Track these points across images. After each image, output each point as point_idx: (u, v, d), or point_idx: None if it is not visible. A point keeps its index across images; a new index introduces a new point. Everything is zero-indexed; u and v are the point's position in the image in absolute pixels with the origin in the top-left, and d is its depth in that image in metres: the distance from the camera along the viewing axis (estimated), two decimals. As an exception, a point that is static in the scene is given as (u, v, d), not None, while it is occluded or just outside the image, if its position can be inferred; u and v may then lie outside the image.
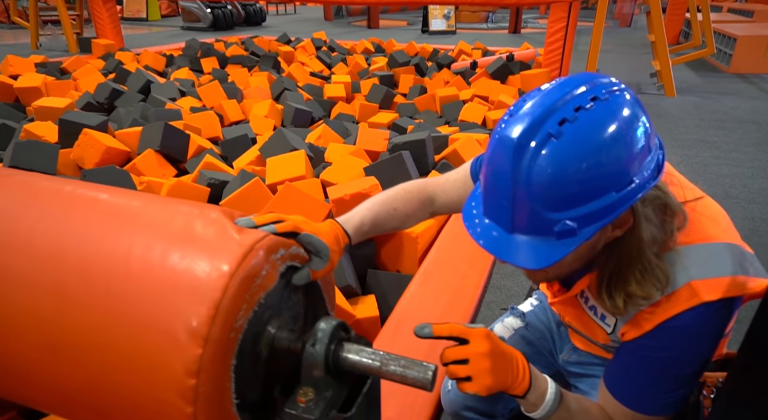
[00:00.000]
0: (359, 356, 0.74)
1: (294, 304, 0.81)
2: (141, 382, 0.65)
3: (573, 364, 1.11)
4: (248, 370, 0.72)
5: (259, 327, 0.73)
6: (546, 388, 0.81)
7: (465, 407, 1.16)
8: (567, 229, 0.69)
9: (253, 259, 0.66)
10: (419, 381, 0.71)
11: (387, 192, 1.02)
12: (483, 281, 1.84)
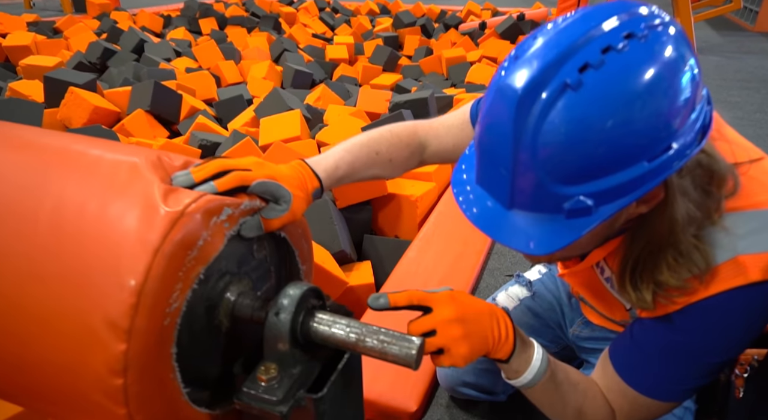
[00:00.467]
0: (332, 328, 0.63)
1: (259, 264, 0.69)
2: (65, 381, 0.55)
3: (585, 338, 1.00)
4: (201, 351, 0.63)
5: (211, 300, 0.62)
6: (532, 353, 0.69)
7: (462, 383, 1.06)
8: (580, 206, 0.54)
9: (185, 228, 0.53)
10: (402, 358, 0.60)
11: (369, 133, 0.86)
12: (486, 247, 1.72)
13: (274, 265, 0.72)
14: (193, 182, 0.58)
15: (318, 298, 0.68)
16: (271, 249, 0.71)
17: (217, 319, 0.65)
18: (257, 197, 0.64)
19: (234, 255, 0.64)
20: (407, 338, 0.61)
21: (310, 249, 0.76)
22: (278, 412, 0.58)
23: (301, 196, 0.69)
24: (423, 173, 2.05)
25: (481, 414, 1.12)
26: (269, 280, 0.72)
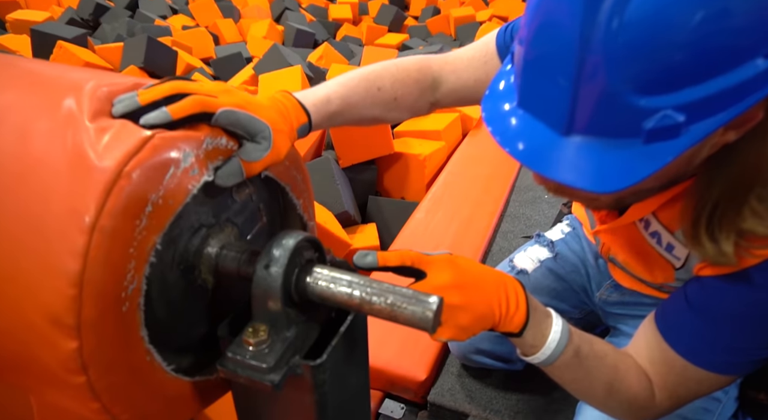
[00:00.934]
0: (333, 285, 0.53)
1: (243, 206, 0.59)
2: (30, 376, 0.48)
3: (613, 303, 0.90)
4: (185, 319, 0.55)
5: (186, 261, 0.53)
6: (550, 325, 0.59)
7: (476, 350, 0.97)
8: (667, 124, 0.42)
9: (125, 194, 0.41)
10: (417, 321, 0.50)
11: (371, 66, 0.73)
12: (499, 209, 1.62)
13: (263, 203, 0.62)
14: (138, 106, 0.46)
15: (316, 250, 0.58)
16: (256, 186, 0.60)
17: (200, 279, 0.56)
18: (224, 133, 0.51)
19: (207, 205, 0.53)
20: (423, 297, 0.51)
21: (304, 180, 0.64)
22: (269, 382, 0.49)
23: (284, 130, 0.56)
24: (431, 132, 1.93)
25: (496, 384, 1.04)
26: (259, 221, 0.61)
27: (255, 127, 0.52)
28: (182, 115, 0.46)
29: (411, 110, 0.76)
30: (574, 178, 0.46)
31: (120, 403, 0.47)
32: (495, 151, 2.11)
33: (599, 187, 0.45)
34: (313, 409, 0.56)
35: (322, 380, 0.54)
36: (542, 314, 0.60)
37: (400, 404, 1.07)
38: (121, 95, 0.47)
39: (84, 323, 0.41)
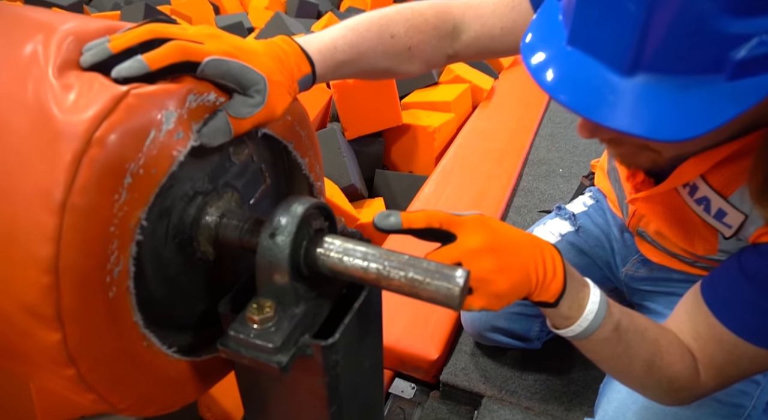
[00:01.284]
0: (347, 256, 0.47)
1: (243, 168, 0.53)
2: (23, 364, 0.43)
3: (641, 280, 0.84)
4: (184, 299, 0.50)
5: (182, 232, 0.48)
6: (587, 295, 0.53)
7: (492, 328, 0.92)
8: (761, 53, 0.35)
9: (97, 166, 0.35)
10: (443, 297, 0.44)
11: (385, 9, 0.65)
12: (512, 183, 1.55)
13: (264, 163, 0.56)
14: (110, 54, 0.38)
15: (327, 219, 0.52)
16: (256, 145, 0.54)
17: (200, 251, 0.50)
18: (212, 87, 0.44)
19: (201, 170, 0.47)
20: (448, 271, 0.45)
21: (310, 136, 0.57)
22: (275, 363, 0.44)
23: (282, 82, 0.49)
24: (441, 103, 1.85)
25: (512, 363, 0.99)
26: (261, 183, 0.56)
27: (248, 78, 0.44)
28: (161, 65, 0.39)
29: (426, 63, 0.68)
30: (639, 126, 0.39)
31: (117, 392, 0.42)
32: (507, 123, 2.03)
33: (672, 135, 0.38)
34: (323, 393, 0.51)
35: (335, 361, 0.48)
36: (579, 283, 0.54)
37: (410, 384, 1.03)
38: (91, 42, 0.40)
39: (65, 313, 0.36)
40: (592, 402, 0.92)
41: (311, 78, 0.55)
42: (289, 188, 0.60)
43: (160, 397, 0.46)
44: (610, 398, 0.75)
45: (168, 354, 0.45)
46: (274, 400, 0.55)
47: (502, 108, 2.03)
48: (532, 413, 0.91)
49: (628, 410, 0.70)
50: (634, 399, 0.71)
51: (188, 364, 0.48)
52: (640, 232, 0.78)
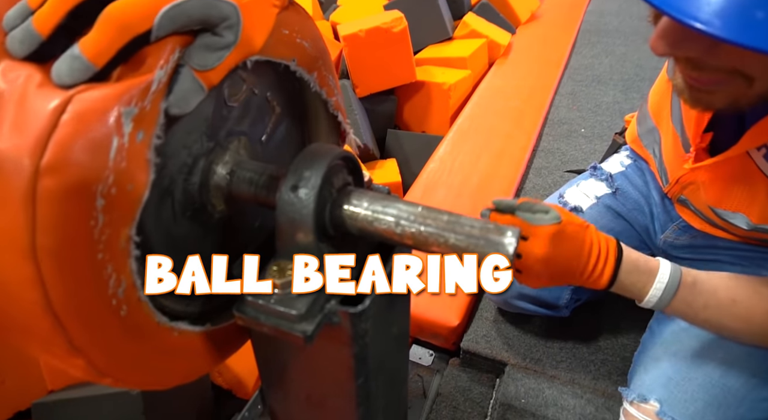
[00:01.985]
0: (379, 215, 0.41)
1: (245, 106, 0.46)
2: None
3: (681, 247, 0.78)
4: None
5: (191, 201, 0.42)
6: (650, 281, 0.58)
7: (518, 295, 0.87)
8: None
9: (57, 195, 0.28)
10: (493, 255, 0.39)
11: None
12: (532, 143, 1.48)
13: (270, 90, 0.48)
14: (40, 41, 0.30)
15: (353, 173, 0.46)
16: (253, 74, 0.46)
17: (216, 212, 0.44)
18: (179, 44, 0.33)
19: (194, 131, 0.40)
20: (494, 237, 0.39)
21: (315, 45, 0.48)
22: (299, 332, 0.39)
23: (258, 3, 0.38)
24: (456, 59, 1.76)
25: (536, 330, 0.95)
26: (271, 113, 0.49)
27: (215, 15, 0.33)
28: (109, 57, 0.30)
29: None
30: (751, 33, 0.32)
31: (134, 377, 0.37)
32: (525, 80, 1.94)
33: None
34: (350, 364, 0.46)
35: (364, 330, 0.43)
36: (641, 272, 0.59)
37: (429, 350, 0.99)
38: (9, 14, 0.31)
39: (80, 346, 0.32)
40: (622, 371, 0.88)
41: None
42: (304, 109, 0.53)
43: (167, 371, 0.42)
44: (648, 368, 0.71)
45: (179, 328, 0.40)
46: (295, 372, 0.50)
47: (520, 64, 1.93)
48: (558, 382, 0.87)
49: (669, 380, 0.66)
50: (676, 369, 0.67)
51: (197, 334, 0.42)
52: (682, 200, 0.72)
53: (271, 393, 0.56)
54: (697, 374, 0.64)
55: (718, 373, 0.63)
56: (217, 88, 0.39)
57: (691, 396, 0.62)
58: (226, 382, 1.04)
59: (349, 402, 0.49)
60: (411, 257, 0.39)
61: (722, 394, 0.61)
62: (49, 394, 0.91)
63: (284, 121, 0.51)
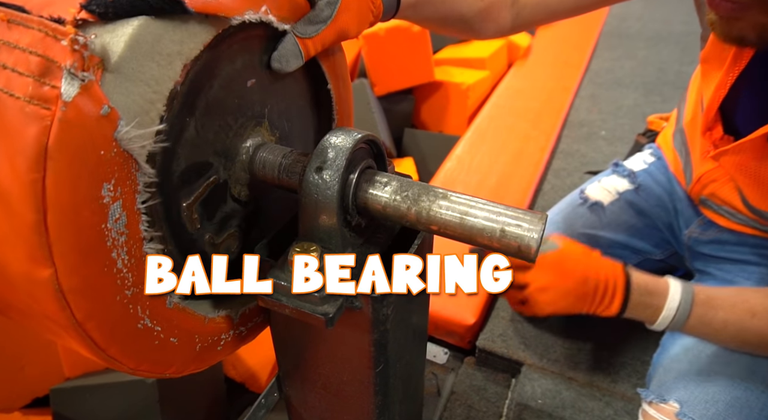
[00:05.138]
0: (401, 198, 0.41)
1: (258, 88, 0.46)
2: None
3: (707, 243, 0.76)
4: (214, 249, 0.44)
5: (217, 196, 0.42)
6: (661, 305, 0.58)
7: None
8: None
9: (65, 203, 0.28)
10: (515, 251, 0.38)
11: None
12: (551, 145, 1.46)
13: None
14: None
15: (377, 157, 0.46)
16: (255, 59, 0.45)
17: (242, 194, 0.44)
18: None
19: (204, 144, 0.40)
20: (524, 214, 0.38)
21: (348, 93, 0.50)
22: (321, 314, 0.38)
23: None
24: (475, 60, 1.75)
25: (554, 331, 0.93)
26: (279, 79, 0.48)
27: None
28: None
29: (496, 21, 0.62)
30: None
31: (144, 364, 0.37)
32: (545, 82, 1.93)
33: None
34: (370, 351, 0.45)
35: (385, 316, 0.43)
36: (652, 295, 0.58)
37: (443, 348, 0.98)
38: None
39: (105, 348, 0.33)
40: (641, 374, 0.86)
41: (396, 3, 0.50)
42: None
43: (181, 360, 0.41)
44: (668, 369, 0.69)
45: (195, 312, 0.40)
46: (313, 359, 0.50)
47: (540, 66, 1.91)
48: (576, 384, 0.85)
49: (690, 381, 0.64)
50: (698, 370, 0.65)
51: (212, 321, 0.42)
52: (703, 200, 0.71)
53: (287, 381, 0.56)
54: (718, 376, 0.62)
55: (740, 375, 0.62)
56: (235, 75, 0.39)
57: (712, 397, 0.60)
58: (239, 375, 1.04)
59: (366, 390, 0.49)
60: (411, 257, 0.38)
61: (744, 397, 0.59)
62: (66, 381, 0.92)
63: (297, 85, 0.50)
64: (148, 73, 0.30)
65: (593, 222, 0.83)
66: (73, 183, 0.27)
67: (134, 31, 0.29)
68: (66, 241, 0.27)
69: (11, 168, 0.26)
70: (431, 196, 0.40)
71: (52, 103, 0.25)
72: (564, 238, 0.61)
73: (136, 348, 0.35)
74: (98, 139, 0.27)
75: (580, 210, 0.85)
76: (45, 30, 0.26)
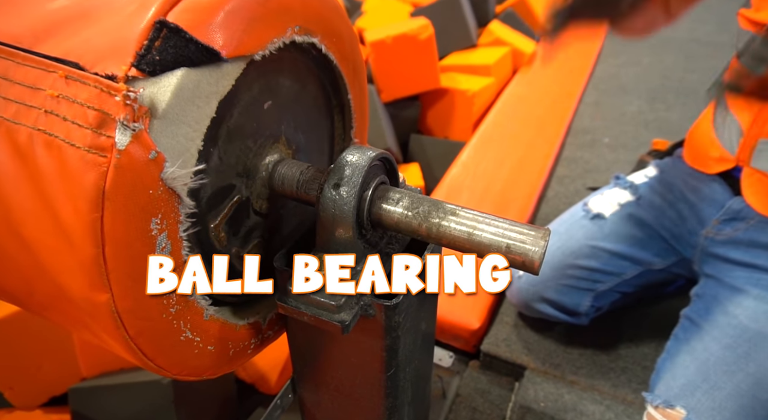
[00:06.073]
0: (415, 213, 0.44)
1: (275, 107, 0.48)
2: None
3: (725, 243, 0.77)
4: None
5: (241, 214, 0.46)
6: None
7: (540, 299, 0.88)
8: None
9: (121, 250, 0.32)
10: (520, 264, 0.40)
11: None
12: (554, 152, 1.49)
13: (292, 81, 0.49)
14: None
15: (389, 173, 0.48)
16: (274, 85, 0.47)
17: (258, 207, 0.47)
18: None
19: (228, 168, 0.43)
20: (528, 230, 0.41)
21: (364, 105, 0.52)
22: (338, 322, 0.41)
23: None
24: (480, 66, 1.77)
25: (557, 336, 0.96)
26: (297, 111, 0.51)
27: None
28: None
29: None
30: None
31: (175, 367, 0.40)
32: (549, 89, 1.95)
33: None
34: (381, 356, 0.48)
35: (396, 323, 0.45)
36: None
37: (449, 352, 1.01)
38: None
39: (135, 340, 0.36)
40: (642, 379, 0.89)
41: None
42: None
43: (205, 363, 0.44)
44: (675, 375, 0.71)
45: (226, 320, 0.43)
46: (328, 362, 0.53)
47: (544, 73, 1.94)
48: (578, 388, 0.88)
49: (697, 388, 0.67)
50: (704, 377, 0.67)
51: (233, 327, 0.45)
52: (759, 151, 0.69)
53: (301, 382, 0.58)
54: (726, 384, 0.64)
55: (747, 383, 0.64)
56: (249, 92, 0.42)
57: (719, 405, 0.62)
58: (249, 376, 1.06)
59: (377, 392, 0.51)
60: (410, 257, 0.41)
61: (751, 405, 0.61)
62: (82, 381, 0.95)
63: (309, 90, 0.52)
64: (190, 116, 0.33)
65: (594, 233, 0.86)
66: (126, 220, 0.30)
67: (178, 81, 0.32)
68: (121, 270, 0.31)
69: (73, 209, 0.29)
70: (441, 213, 0.43)
71: (107, 152, 0.28)
72: None
73: (179, 358, 0.38)
74: (147, 180, 0.30)
75: (583, 222, 0.88)
76: (100, 87, 0.29)
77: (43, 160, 0.31)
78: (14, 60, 0.33)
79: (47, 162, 0.31)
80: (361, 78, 0.55)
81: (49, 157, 0.31)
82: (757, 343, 0.64)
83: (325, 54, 0.49)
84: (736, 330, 0.66)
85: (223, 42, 0.35)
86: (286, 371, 1.03)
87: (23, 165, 0.32)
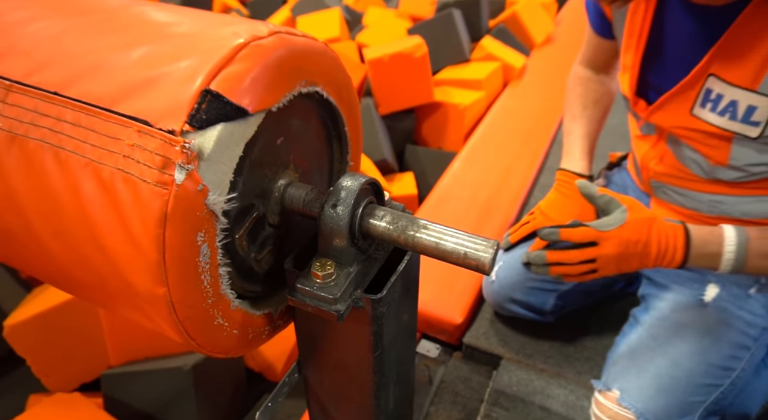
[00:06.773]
0: (393, 226, 0.55)
1: (284, 144, 0.61)
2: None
3: None
4: (258, 266, 0.58)
5: (257, 233, 0.57)
6: (720, 249, 0.68)
7: (510, 300, 1.00)
8: None
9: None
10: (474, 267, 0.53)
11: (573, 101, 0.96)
12: (538, 162, 1.61)
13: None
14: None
15: (376, 194, 0.61)
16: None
17: (272, 220, 0.59)
18: None
19: (250, 190, 0.54)
20: (481, 241, 0.53)
21: (359, 144, 0.65)
22: (335, 311, 0.53)
23: None
24: (472, 81, 1.89)
25: (529, 331, 1.08)
26: (302, 143, 0.63)
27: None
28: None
29: None
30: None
31: (209, 346, 0.52)
32: (536, 102, 2.07)
33: None
34: (369, 340, 0.60)
35: (381, 313, 0.57)
36: (707, 247, 0.69)
37: (435, 344, 1.13)
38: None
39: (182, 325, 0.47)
40: (602, 367, 1.01)
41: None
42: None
43: (234, 344, 0.56)
44: (615, 362, 0.83)
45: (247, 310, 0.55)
46: (327, 345, 0.65)
47: (533, 87, 2.06)
48: (546, 375, 1.00)
49: (627, 372, 0.79)
50: (634, 363, 0.80)
51: (257, 315, 0.57)
52: (654, 184, 0.84)
53: (306, 364, 0.70)
54: (649, 367, 0.77)
55: (666, 365, 0.76)
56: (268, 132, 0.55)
57: (644, 384, 0.75)
58: (257, 365, 1.18)
59: (367, 370, 0.63)
60: None
61: (669, 383, 0.74)
62: (110, 368, 1.07)
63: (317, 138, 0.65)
64: (225, 157, 0.45)
65: None
66: (181, 234, 0.42)
67: (218, 133, 0.44)
68: (176, 271, 0.43)
69: (143, 226, 0.41)
70: (415, 227, 0.55)
71: (169, 186, 0.41)
72: (632, 205, 0.71)
73: (213, 338, 0.50)
74: (196, 205, 0.43)
75: None
76: (164, 139, 0.41)
77: (121, 191, 0.43)
78: (99, 117, 0.45)
79: (125, 193, 0.43)
80: (356, 113, 0.68)
81: (126, 189, 0.43)
82: (675, 331, 0.76)
83: (327, 98, 0.61)
84: (659, 321, 0.79)
85: (249, 101, 0.47)
86: (290, 362, 1.15)
87: (107, 194, 0.44)
